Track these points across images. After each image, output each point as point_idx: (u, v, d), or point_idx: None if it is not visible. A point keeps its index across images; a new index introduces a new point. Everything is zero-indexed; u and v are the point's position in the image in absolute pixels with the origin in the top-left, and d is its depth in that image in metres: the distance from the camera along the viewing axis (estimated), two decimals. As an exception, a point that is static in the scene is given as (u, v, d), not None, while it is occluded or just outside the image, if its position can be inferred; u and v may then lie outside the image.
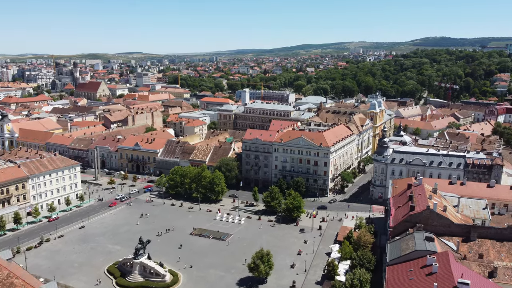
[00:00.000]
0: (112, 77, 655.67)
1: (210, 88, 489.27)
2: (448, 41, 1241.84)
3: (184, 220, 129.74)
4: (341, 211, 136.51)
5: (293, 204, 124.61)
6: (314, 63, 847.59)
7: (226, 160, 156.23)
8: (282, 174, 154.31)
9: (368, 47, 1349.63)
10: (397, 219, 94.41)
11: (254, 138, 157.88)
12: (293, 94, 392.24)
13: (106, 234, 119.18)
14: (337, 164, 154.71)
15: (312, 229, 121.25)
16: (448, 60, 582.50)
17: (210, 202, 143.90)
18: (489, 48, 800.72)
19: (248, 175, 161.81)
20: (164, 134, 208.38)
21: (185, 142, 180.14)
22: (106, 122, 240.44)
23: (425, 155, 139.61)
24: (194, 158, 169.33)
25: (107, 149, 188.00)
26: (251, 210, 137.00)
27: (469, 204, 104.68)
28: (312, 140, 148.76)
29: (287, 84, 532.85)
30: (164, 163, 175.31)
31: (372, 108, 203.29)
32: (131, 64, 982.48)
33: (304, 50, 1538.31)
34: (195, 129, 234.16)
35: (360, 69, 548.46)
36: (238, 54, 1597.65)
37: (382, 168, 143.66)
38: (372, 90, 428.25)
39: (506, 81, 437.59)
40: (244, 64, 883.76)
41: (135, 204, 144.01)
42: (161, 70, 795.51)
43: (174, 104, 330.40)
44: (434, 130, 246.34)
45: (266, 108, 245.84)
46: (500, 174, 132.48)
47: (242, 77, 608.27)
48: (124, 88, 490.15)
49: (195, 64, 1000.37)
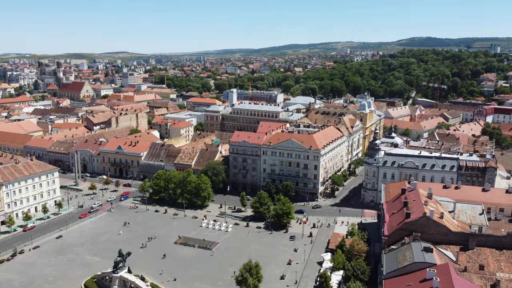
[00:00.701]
0: (97, 77, 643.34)
1: (197, 88, 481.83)
2: (434, 41, 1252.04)
3: (168, 227, 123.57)
4: (332, 216, 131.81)
5: (282, 210, 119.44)
6: (302, 63, 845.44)
7: (212, 163, 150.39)
8: (270, 178, 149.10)
9: (355, 47, 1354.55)
10: (392, 226, 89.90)
11: (242, 141, 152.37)
12: (281, 95, 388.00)
13: (85, 244, 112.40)
14: (327, 167, 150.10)
15: (302, 236, 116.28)
16: (435, 60, 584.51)
17: (196, 208, 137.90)
18: (474, 48, 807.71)
19: (236, 179, 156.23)
20: (149, 137, 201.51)
21: (170, 145, 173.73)
22: (89, 124, 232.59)
23: (417, 158, 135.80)
24: (180, 161, 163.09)
25: (88, 152, 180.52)
26: (239, 216, 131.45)
27: (465, 210, 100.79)
28: (301, 142, 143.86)
29: (275, 84, 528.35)
30: (148, 167, 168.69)
31: (362, 109, 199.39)
32: (117, 64, 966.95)
33: (292, 50, 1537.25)
34: (181, 130, 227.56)
35: (348, 69, 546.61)
36: (225, 54, 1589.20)
37: (374, 171, 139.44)
38: (361, 90, 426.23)
39: (492, 81, 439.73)
40: (232, 64, 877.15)
41: (117, 210, 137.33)
42: (148, 70, 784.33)
43: (160, 104, 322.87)
44: (424, 130, 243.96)
45: (254, 109, 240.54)
46: (494, 176, 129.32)
47: (230, 77, 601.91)
48: (109, 88, 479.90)
49: (182, 64, 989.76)
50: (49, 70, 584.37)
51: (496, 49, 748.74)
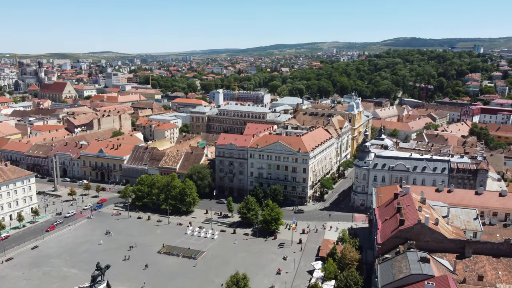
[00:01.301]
0: (80, 78, 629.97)
1: (183, 88, 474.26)
2: (418, 42, 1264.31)
3: (151, 235, 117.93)
4: (322, 220, 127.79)
5: (270, 216, 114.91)
6: (289, 63, 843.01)
7: (198, 167, 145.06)
8: (258, 181, 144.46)
9: (341, 47, 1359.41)
10: (385, 234, 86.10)
11: (228, 144, 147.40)
12: (268, 95, 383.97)
13: (62, 255, 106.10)
14: (316, 170, 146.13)
15: (291, 243, 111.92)
16: (420, 60, 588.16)
17: (180, 214, 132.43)
18: (458, 48, 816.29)
19: (222, 183, 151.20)
20: (132, 139, 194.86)
21: (154, 148, 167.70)
22: (70, 126, 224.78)
23: (408, 160, 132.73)
24: (164, 165, 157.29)
25: (68, 156, 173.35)
26: (226, 223, 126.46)
27: (459, 214, 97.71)
28: (290, 145, 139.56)
29: (262, 84, 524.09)
30: (131, 171, 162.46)
31: (350, 110, 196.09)
32: (101, 64, 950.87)
33: (278, 50, 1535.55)
34: (165, 132, 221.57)
35: (334, 69, 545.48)
36: (212, 53, 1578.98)
37: (364, 174, 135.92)
38: (348, 90, 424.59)
39: (477, 81, 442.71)
40: (218, 64, 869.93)
41: (98, 217, 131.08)
42: (132, 70, 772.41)
43: (144, 105, 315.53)
44: (412, 131, 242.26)
45: (241, 110, 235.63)
46: (486, 179, 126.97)
47: (216, 77, 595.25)
48: (92, 89, 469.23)
49: (168, 64, 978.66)
50: (30, 70, 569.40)
51: (479, 49, 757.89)
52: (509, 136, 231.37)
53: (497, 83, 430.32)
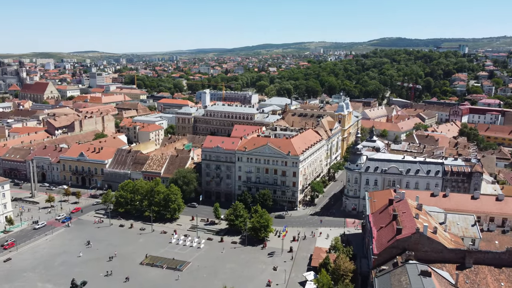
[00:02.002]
0: (63, 77, 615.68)
1: (169, 89, 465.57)
2: (404, 42, 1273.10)
3: (134, 245, 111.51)
4: (313, 226, 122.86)
5: (259, 223, 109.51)
6: (276, 62, 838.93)
7: (183, 171, 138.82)
8: (246, 186, 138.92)
9: (328, 47, 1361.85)
10: (382, 243, 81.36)
11: (215, 146, 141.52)
12: (256, 95, 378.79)
13: (37, 268, 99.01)
14: (306, 173, 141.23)
15: (282, 251, 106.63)
16: (407, 60, 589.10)
17: (165, 221, 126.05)
18: (443, 48, 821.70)
19: (209, 188, 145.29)
20: (115, 142, 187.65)
21: (138, 151, 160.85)
22: (50, 128, 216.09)
23: (401, 163, 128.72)
24: (148, 169, 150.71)
25: (47, 160, 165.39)
26: (213, 230, 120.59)
27: (457, 221, 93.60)
28: (279, 147, 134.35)
29: (250, 84, 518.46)
30: (113, 175, 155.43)
31: (340, 110, 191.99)
32: (85, 64, 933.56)
33: (265, 49, 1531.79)
34: (150, 134, 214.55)
35: (322, 69, 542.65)
36: (199, 53, 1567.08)
37: (356, 178, 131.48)
38: (336, 90, 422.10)
39: (464, 81, 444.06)
40: (205, 64, 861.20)
41: (77, 226, 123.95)
42: (118, 70, 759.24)
43: (129, 106, 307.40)
44: (401, 131, 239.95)
45: (228, 111, 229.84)
46: (480, 182, 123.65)
47: (203, 77, 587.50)
48: (75, 89, 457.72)
49: (154, 63, 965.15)
50: (11, 70, 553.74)
51: (464, 49, 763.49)
52: (498, 136, 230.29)
53: (483, 83, 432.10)
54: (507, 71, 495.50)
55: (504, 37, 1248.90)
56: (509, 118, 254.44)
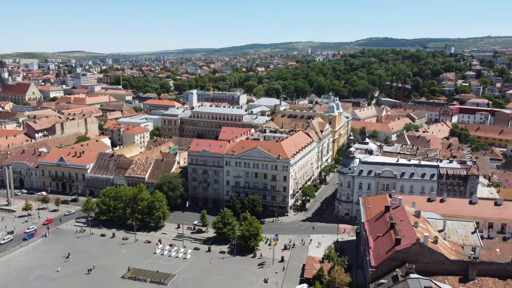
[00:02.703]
0: (47, 78, 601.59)
1: (156, 89, 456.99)
2: (391, 42, 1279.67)
3: (116, 256, 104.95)
4: (305, 233, 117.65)
5: (249, 231, 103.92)
6: (264, 62, 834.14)
7: (168, 176, 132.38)
8: (235, 191, 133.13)
9: (315, 47, 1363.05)
10: (379, 255, 76.46)
11: (202, 150, 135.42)
12: (244, 95, 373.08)
13: (9, 284, 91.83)
14: (297, 177, 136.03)
15: (273, 261, 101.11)
16: (395, 60, 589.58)
17: (149, 229, 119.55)
18: (430, 48, 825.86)
19: (196, 193, 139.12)
20: (98, 145, 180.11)
21: (121, 155, 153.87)
22: (30, 131, 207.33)
23: (395, 166, 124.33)
24: (131, 174, 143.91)
25: (25, 165, 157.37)
26: (200, 239, 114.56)
27: (456, 228, 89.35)
28: (269, 151, 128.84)
29: (238, 84, 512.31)
30: (95, 181, 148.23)
31: (330, 111, 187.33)
32: (70, 64, 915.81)
33: (253, 49, 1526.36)
34: (135, 137, 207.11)
35: (311, 68, 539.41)
36: (186, 53, 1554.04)
37: (349, 182, 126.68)
38: (325, 90, 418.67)
39: (452, 81, 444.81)
40: (193, 64, 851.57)
41: (55, 236, 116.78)
42: (103, 70, 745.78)
43: (113, 107, 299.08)
44: (392, 132, 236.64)
45: (216, 112, 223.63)
46: (476, 185, 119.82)
47: (190, 77, 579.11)
48: (59, 90, 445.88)
49: (141, 63, 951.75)
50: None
51: (450, 49, 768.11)
52: (489, 136, 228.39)
53: (471, 83, 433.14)
54: (493, 71, 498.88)
55: (488, 37, 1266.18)
56: (499, 118, 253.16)
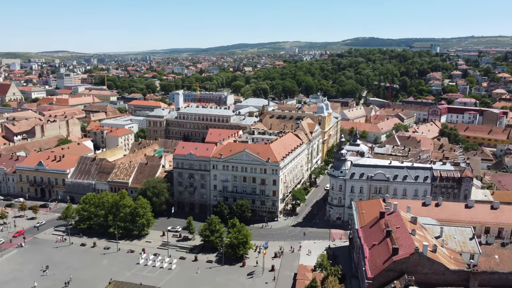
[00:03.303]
0: (29, 78, 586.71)
1: (141, 89, 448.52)
2: (377, 41, 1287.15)
3: (96, 267, 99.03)
4: (296, 240, 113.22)
5: (237, 239, 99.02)
6: (251, 62, 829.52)
7: (152, 181, 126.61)
8: (222, 195, 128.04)
9: (302, 47, 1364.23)
10: (376, 265, 72.26)
11: (188, 154, 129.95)
12: (231, 96, 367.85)
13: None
14: (287, 181, 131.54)
15: (263, 270, 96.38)
16: (382, 59, 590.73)
17: (132, 238, 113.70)
18: (415, 48, 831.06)
19: (182, 198, 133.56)
20: (79, 148, 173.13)
21: (103, 159, 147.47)
22: (8, 134, 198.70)
23: (388, 168, 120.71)
24: (114, 179, 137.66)
25: (1, 170, 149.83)
26: (186, 247, 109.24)
27: (454, 234, 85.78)
28: (257, 154, 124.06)
29: (225, 84, 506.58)
30: (76, 186, 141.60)
31: (320, 112, 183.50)
32: (54, 64, 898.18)
33: (240, 49, 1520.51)
34: (119, 139, 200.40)
35: (298, 68, 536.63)
36: (173, 53, 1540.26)
37: (340, 185, 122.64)
38: (313, 90, 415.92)
39: (439, 80, 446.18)
40: (179, 64, 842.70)
41: (32, 246, 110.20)
42: (88, 70, 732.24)
43: (97, 108, 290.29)
44: (381, 132, 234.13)
45: (203, 113, 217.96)
46: (470, 187, 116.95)
47: (177, 77, 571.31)
48: (41, 90, 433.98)
49: (127, 63, 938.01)
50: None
51: (436, 49, 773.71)
52: (478, 136, 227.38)
53: (458, 82, 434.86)
54: (479, 70, 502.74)
55: (472, 37, 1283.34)
56: (488, 117, 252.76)
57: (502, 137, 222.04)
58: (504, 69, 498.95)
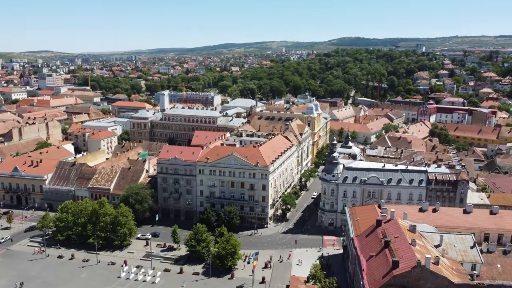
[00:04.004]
0: (10, 79, 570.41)
1: (126, 90, 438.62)
2: (363, 41, 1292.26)
3: (74, 282, 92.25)
4: (287, 248, 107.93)
5: (226, 250, 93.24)
6: (238, 62, 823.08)
7: (135, 187, 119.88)
8: (209, 202, 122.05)
9: (289, 47, 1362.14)
10: (375, 279, 67.20)
11: (173, 158, 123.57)
12: (218, 96, 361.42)
13: None
14: (277, 185, 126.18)
15: (253, 283, 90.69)
16: (369, 59, 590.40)
17: (113, 248, 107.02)
18: (402, 47, 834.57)
19: (167, 205, 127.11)
20: (59, 152, 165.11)
21: (83, 164, 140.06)
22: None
23: (381, 172, 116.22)
24: (95, 185, 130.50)
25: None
26: (171, 258, 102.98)
27: (454, 242, 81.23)
28: (246, 158, 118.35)
29: (212, 84, 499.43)
30: (54, 193, 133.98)
31: (309, 113, 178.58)
32: (36, 64, 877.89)
33: (227, 49, 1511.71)
34: (101, 142, 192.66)
35: (286, 68, 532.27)
36: (159, 53, 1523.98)
37: (332, 189, 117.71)
38: (301, 90, 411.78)
39: (426, 79, 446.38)
40: (165, 64, 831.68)
41: (5, 259, 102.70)
42: (71, 71, 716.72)
43: (79, 110, 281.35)
44: (371, 133, 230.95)
45: (189, 115, 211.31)
46: (466, 191, 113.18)
47: (162, 77, 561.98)
48: (22, 91, 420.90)
49: (111, 63, 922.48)
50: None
51: (422, 48, 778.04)
52: (468, 136, 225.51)
53: (445, 81, 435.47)
54: (465, 69, 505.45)
55: (456, 37, 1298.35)
56: (477, 117, 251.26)
57: (492, 136, 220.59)
58: (489, 68, 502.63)
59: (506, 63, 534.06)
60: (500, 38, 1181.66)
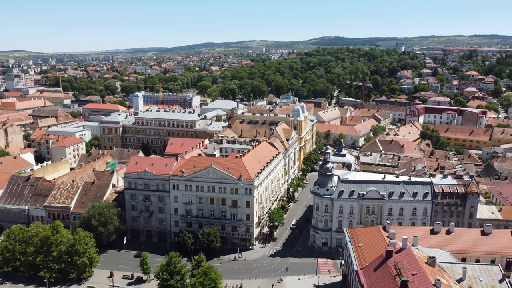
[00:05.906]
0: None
1: (100, 91, 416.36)
2: (342, 40, 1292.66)
3: (17, 330, 75.08)
4: (275, 275, 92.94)
5: (204, 285, 77.52)
6: (218, 61, 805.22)
7: (98, 207, 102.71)
8: (185, 221, 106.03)
9: (269, 46, 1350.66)
10: (394, 335, 52.78)
11: (142, 171, 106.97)
12: (197, 97, 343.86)
13: None
14: (263, 200, 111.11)
15: (237, 325, 75.52)
16: (351, 58, 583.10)
17: (70, 283, 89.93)
18: (381, 46, 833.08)
19: (136, 225, 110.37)
20: (16, 163, 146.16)
21: (40, 178, 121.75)
22: None
23: (381, 184, 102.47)
24: (53, 203, 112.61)
25: None
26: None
27: (478, 275, 67.73)
28: (227, 170, 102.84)
29: (190, 84, 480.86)
30: (5, 213, 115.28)
31: (295, 115, 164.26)
32: (7, 64, 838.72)
33: (207, 48, 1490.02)
34: (66, 150, 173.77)
35: (267, 67, 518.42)
36: (137, 52, 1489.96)
37: (326, 205, 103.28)
38: (283, 90, 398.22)
39: (410, 78, 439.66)
40: (143, 63, 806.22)
41: None
42: (44, 71, 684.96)
43: (47, 113, 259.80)
44: (359, 135, 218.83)
45: (164, 118, 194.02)
46: (477, 204, 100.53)
47: (139, 77, 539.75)
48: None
49: (87, 63, 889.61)
50: None
51: (401, 47, 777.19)
52: (459, 137, 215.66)
53: (429, 80, 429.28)
54: (446, 68, 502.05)
55: (432, 36, 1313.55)
56: (467, 117, 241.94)
57: (484, 138, 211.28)
58: (471, 67, 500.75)
59: (486, 61, 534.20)
60: (474, 38, 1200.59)
